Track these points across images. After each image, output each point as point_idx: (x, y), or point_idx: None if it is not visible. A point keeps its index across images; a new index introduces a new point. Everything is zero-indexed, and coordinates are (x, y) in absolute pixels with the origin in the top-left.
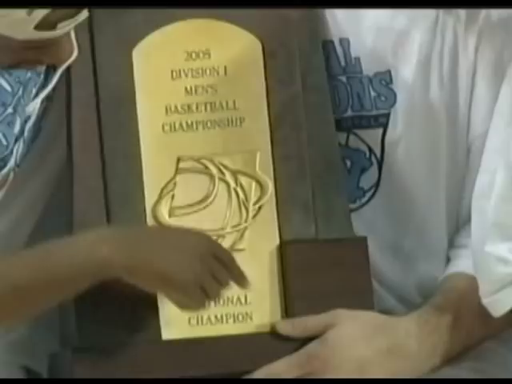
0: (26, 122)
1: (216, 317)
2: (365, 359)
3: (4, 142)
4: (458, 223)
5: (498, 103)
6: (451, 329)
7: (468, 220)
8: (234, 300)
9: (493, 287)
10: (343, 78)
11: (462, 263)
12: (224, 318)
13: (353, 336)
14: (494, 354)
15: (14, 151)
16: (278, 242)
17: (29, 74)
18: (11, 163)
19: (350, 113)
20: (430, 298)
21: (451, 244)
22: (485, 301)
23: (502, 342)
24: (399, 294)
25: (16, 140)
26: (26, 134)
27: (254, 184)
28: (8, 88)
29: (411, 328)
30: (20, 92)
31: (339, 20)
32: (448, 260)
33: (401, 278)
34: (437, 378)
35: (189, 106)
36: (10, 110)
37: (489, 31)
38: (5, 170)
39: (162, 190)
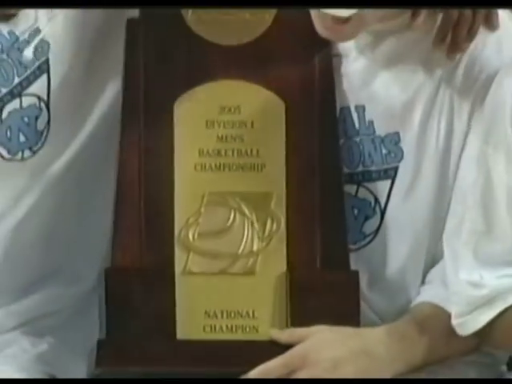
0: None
1: (227, 326)
2: (339, 359)
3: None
4: (433, 262)
5: (467, 155)
6: (414, 341)
7: (438, 260)
8: (243, 314)
9: (466, 309)
10: (357, 139)
11: (428, 294)
12: (234, 328)
13: (329, 339)
14: None
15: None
16: (285, 268)
17: None
18: None
19: (360, 168)
20: None
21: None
22: (455, 322)
23: None
24: (383, 316)
25: None
26: None
27: (268, 219)
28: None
29: (381, 336)
30: None
31: (356, 87)
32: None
33: (385, 304)
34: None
35: (218, 151)
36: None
37: (481, 100)
38: None
39: (189, 218)
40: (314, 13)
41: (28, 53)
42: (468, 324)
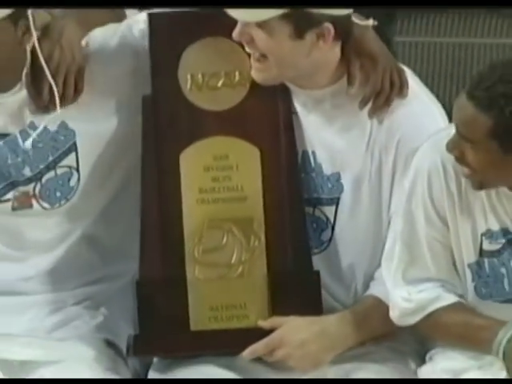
0: None
1: (226, 316)
2: (305, 339)
3: None
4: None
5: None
6: (360, 324)
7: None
8: (237, 306)
9: (398, 315)
10: (313, 174)
11: (374, 289)
12: (231, 317)
13: (298, 326)
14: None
15: None
16: (266, 271)
17: None
18: None
19: (315, 195)
20: None
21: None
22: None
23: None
24: (343, 303)
25: None
26: None
27: (252, 236)
28: None
29: (336, 321)
30: None
31: (309, 137)
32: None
33: (344, 294)
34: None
35: (213, 188)
36: None
37: (402, 149)
38: None
39: (195, 239)
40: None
41: (58, 139)
42: (400, 322)
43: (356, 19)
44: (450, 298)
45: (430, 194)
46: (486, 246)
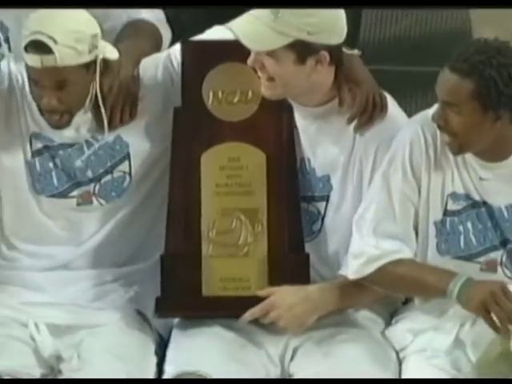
0: None
1: (233, 287)
2: (292, 303)
3: None
4: None
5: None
6: (339, 291)
7: None
8: (242, 279)
9: (364, 261)
10: (308, 177)
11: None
12: (236, 288)
13: (287, 293)
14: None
15: None
16: (266, 252)
17: None
18: None
19: (309, 193)
20: None
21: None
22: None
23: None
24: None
25: None
26: None
27: (256, 223)
28: None
29: (317, 289)
30: None
31: (306, 147)
32: None
33: (329, 274)
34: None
35: (227, 184)
36: None
37: (378, 156)
38: None
39: (210, 223)
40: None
41: (115, 149)
42: (362, 271)
43: (344, 49)
44: (410, 253)
45: (410, 158)
46: (450, 206)
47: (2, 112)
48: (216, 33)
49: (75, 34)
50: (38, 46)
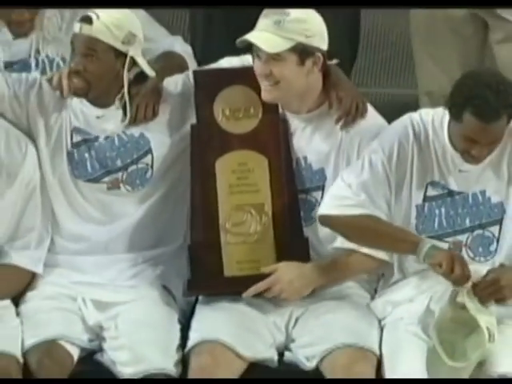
0: None
1: (247, 267)
2: (292, 278)
3: None
4: None
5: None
6: (329, 267)
7: None
8: (254, 260)
9: (341, 203)
10: (304, 172)
11: (338, 242)
12: (250, 268)
13: (289, 269)
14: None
15: None
16: (272, 238)
17: None
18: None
19: (307, 186)
20: None
21: None
22: (330, 210)
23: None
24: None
25: None
26: None
27: (263, 215)
28: None
29: (312, 266)
30: None
31: (302, 147)
32: None
33: (325, 252)
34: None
35: (238, 185)
36: None
37: (362, 148)
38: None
39: (226, 216)
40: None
41: (140, 143)
42: (336, 210)
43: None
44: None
45: (397, 150)
46: (429, 192)
47: (51, 110)
48: (225, 63)
49: (116, 21)
50: (85, 18)
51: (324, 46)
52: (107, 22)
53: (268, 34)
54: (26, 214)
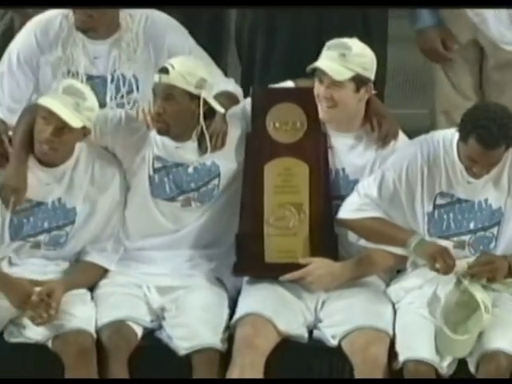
0: None
1: (285, 256)
2: (321, 274)
3: None
4: None
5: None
6: (355, 266)
7: None
8: (292, 250)
9: (352, 208)
10: (342, 181)
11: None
12: (287, 257)
13: (319, 265)
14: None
15: None
16: (307, 232)
17: None
18: None
19: (343, 193)
20: None
21: None
22: (345, 214)
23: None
24: (350, 254)
25: None
26: None
27: (301, 213)
28: None
29: (341, 266)
30: None
31: (340, 159)
32: None
33: (353, 249)
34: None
35: (282, 186)
36: None
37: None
38: None
39: (270, 212)
40: (318, 103)
41: (211, 169)
42: (348, 214)
43: None
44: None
45: (406, 169)
46: (438, 201)
47: (140, 145)
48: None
49: (189, 69)
50: (163, 69)
51: (373, 78)
52: (182, 71)
53: (335, 64)
54: (110, 223)
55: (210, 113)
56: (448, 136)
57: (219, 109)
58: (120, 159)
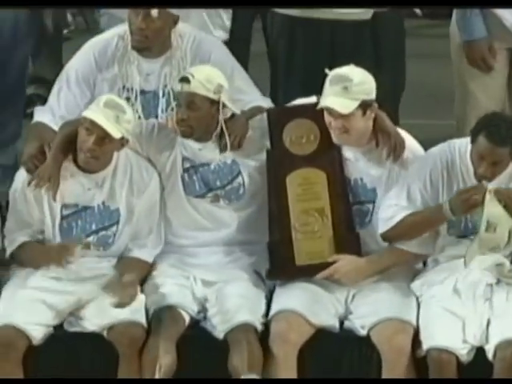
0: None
1: (314, 257)
2: (348, 270)
3: None
4: None
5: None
6: (377, 262)
7: None
8: (318, 251)
9: (386, 219)
10: (360, 189)
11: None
12: (315, 258)
13: (345, 262)
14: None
15: None
16: (331, 233)
17: None
18: None
19: (362, 199)
20: None
21: None
22: (385, 227)
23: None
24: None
25: None
26: None
27: (324, 216)
28: None
29: (366, 261)
30: None
31: (357, 170)
32: None
33: (376, 246)
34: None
35: (304, 194)
36: None
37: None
38: None
39: (295, 218)
40: (332, 131)
41: (232, 167)
42: (386, 225)
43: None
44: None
45: (430, 175)
46: None
47: (170, 148)
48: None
49: (207, 77)
50: (184, 79)
51: (374, 98)
52: (201, 79)
53: (339, 98)
54: (149, 221)
55: (228, 117)
56: (463, 144)
57: (235, 110)
58: (154, 162)
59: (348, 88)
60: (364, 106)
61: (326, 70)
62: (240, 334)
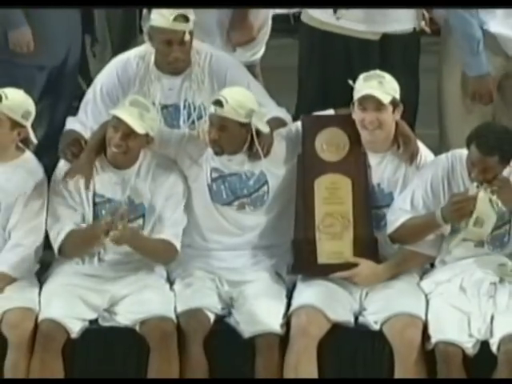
0: None
1: (335, 257)
2: (367, 275)
3: None
4: None
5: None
6: (393, 266)
7: None
8: (339, 252)
9: (391, 221)
10: (378, 195)
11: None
12: (337, 257)
13: (364, 267)
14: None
15: None
16: (352, 235)
17: None
18: None
19: (381, 204)
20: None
21: None
22: (390, 229)
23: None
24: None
25: None
26: None
27: (346, 220)
28: None
29: (383, 267)
30: None
31: (377, 176)
32: None
33: (390, 250)
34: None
35: (329, 198)
36: None
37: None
38: None
39: (320, 220)
40: (361, 133)
41: (259, 177)
42: (392, 227)
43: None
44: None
45: (431, 182)
46: None
47: (198, 156)
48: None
49: (239, 103)
50: (217, 102)
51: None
52: (233, 105)
53: (377, 91)
54: (167, 215)
55: (258, 132)
56: (464, 153)
57: (265, 129)
58: (180, 165)
59: (382, 83)
60: (394, 103)
61: (350, 81)
62: (264, 342)
